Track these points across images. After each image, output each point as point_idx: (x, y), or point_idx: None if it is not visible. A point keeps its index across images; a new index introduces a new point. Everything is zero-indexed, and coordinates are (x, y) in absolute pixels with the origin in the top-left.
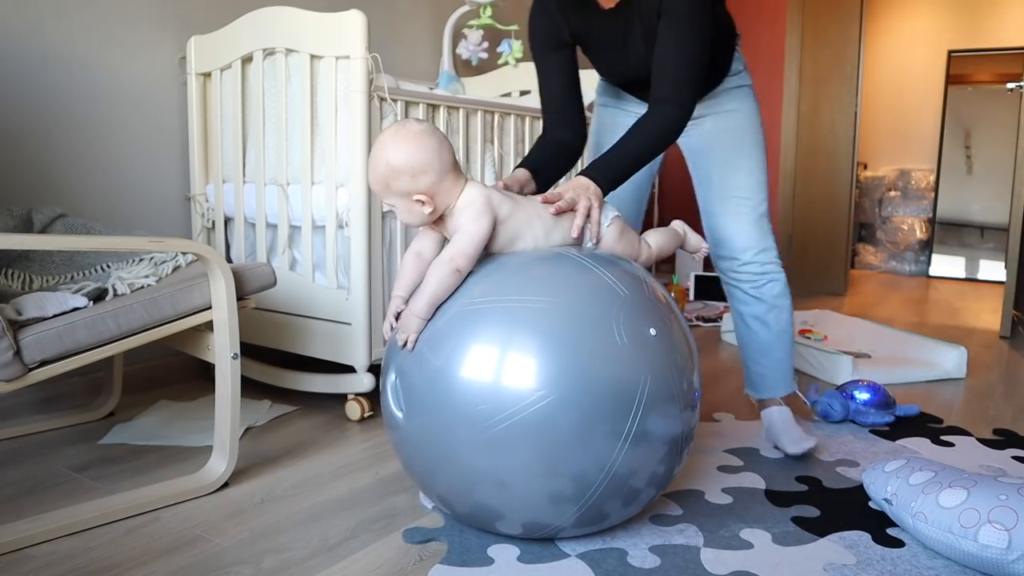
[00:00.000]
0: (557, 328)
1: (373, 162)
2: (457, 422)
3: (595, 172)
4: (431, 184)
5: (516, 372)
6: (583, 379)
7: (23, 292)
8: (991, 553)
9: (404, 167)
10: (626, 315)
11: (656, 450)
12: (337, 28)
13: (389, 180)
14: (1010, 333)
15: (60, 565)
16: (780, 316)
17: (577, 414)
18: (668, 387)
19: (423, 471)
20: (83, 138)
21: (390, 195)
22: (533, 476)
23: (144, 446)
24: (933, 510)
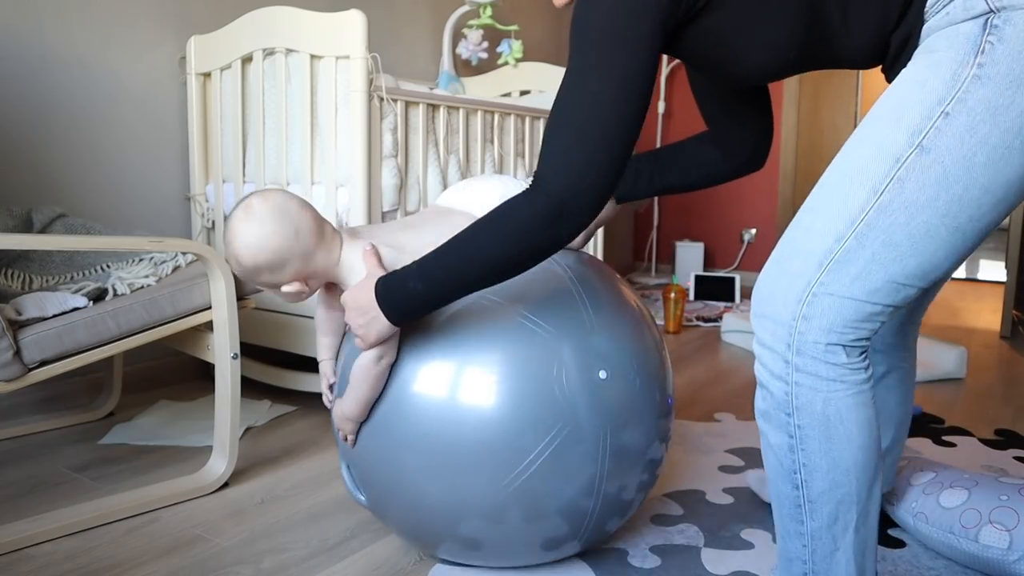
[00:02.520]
0: (502, 396)
1: (229, 254)
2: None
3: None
4: (298, 269)
5: (473, 387)
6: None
7: (23, 292)
8: (992, 554)
9: (259, 264)
10: (567, 366)
11: (636, 464)
12: (337, 28)
13: (251, 276)
14: (1010, 333)
15: (60, 565)
16: (767, 453)
17: (556, 467)
18: (635, 423)
19: (419, 526)
20: (83, 138)
21: (265, 286)
22: (521, 528)
23: (144, 446)
24: (934, 510)
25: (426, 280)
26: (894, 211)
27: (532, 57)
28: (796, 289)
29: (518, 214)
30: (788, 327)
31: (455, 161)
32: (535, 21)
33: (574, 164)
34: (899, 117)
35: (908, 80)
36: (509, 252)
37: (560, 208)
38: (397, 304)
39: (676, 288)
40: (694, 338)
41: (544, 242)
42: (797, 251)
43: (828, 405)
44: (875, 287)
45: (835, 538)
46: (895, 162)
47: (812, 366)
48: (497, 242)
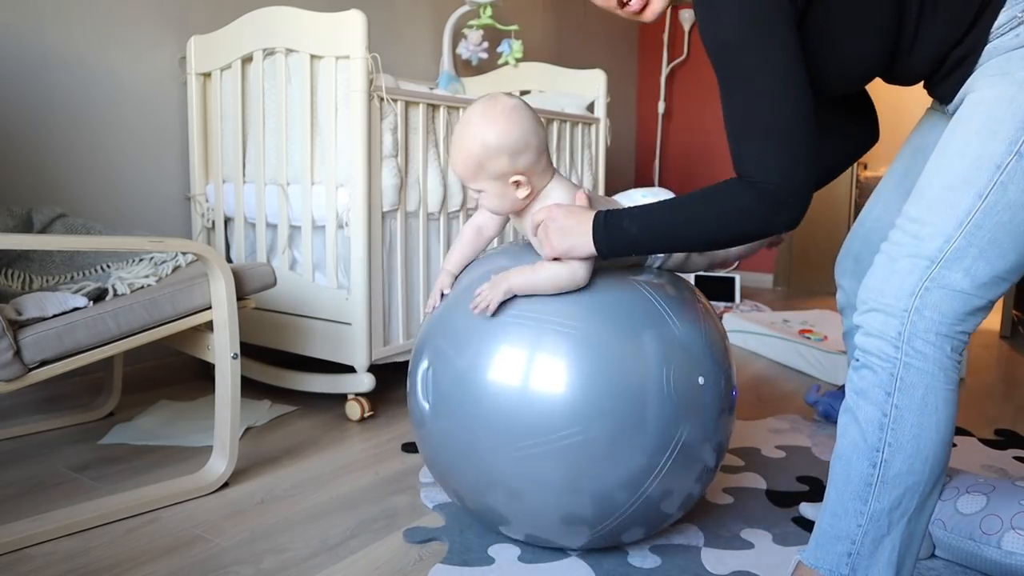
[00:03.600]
0: (599, 361)
1: (463, 143)
2: (484, 428)
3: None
4: (530, 163)
5: (549, 401)
6: (620, 417)
7: (23, 292)
8: (1016, 560)
9: (503, 146)
10: (679, 362)
11: (696, 465)
12: (337, 28)
13: (484, 161)
14: (1010, 333)
15: (60, 565)
16: (849, 428)
17: (610, 438)
18: (706, 424)
19: (442, 467)
20: (83, 138)
21: (481, 178)
22: (552, 492)
23: (144, 446)
24: (952, 516)
25: (641, 226)
26: (999, 211)
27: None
28: (909, 284)
29: (741, 198)
30: (900, 318)
31: None
32: (535, 21)
33: (780, 159)
34: (994, 130)
35: (993, 99)
36: (724, 229)
37: (779, 198)
38: (609, 236)
39: None
40: None
41: (763, 230)
42: (905, 254)
43: (928, 393)
44: (982, 282)
45: (891, 523)
46: (997, 169)
47: (922, 353)
48: (715, 216)
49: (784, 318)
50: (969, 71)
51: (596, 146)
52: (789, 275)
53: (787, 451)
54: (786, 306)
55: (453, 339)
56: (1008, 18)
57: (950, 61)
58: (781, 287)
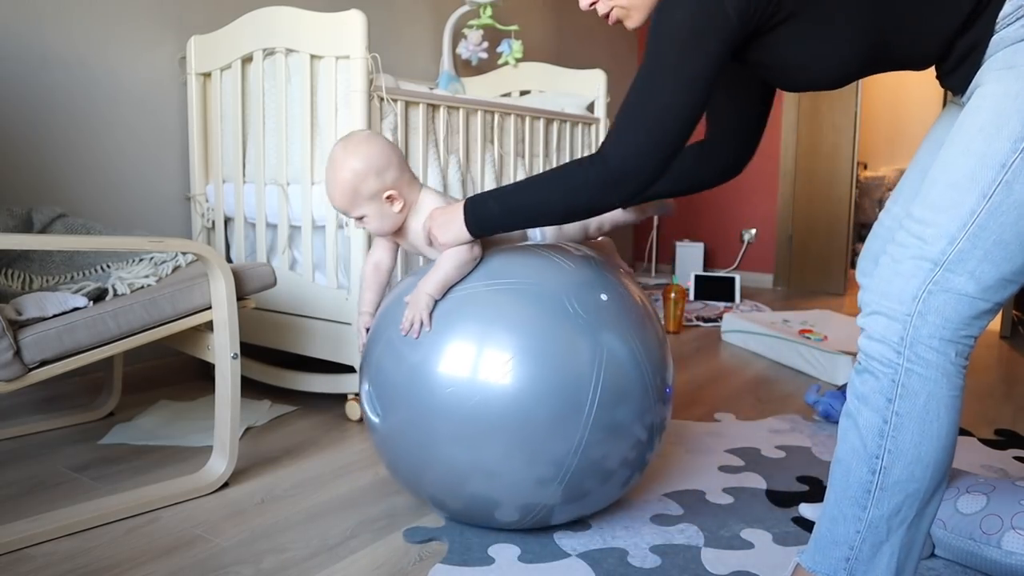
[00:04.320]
0: (516, 308)
1: (336, 176)
2: (434, 415)
3: (472, 208)
4: (396, 178)
5: (486, 355)
6: (544, 356)
7: (23, 292)
8: (1016, 560)
9: (369, 167)
10: (577, 288)
11: (623, 434)
12: (337, 28)
13: (357, 185)
14: (1010, 333)
15: (60, 565)
16: (849, 433)
17: (546, 396)
18: (626, 375)
19: (414, 470)
20: (83, 138)
21: (360, 203)
22: (515, 459)
23: (144, 446)
24: (952, 516)
25: (502, 205)
26: (1004, 212)
27: (532, 57)
28: (912, 287)
29: (582, 173)
30: (903, 322)
31: (455, 161)
32: (535, 21)
33: (633, 144)
34: (999, 127)
35: (998, 94)
36: (568, 203)
37: (617, 177)
38: (478, 217)
39: (676, 288)
40: (694, 338)
41: (598, 202)
42: (909, 256)
43: (931, 399)
44: (988, 284)
45: (890, 530)
46: (1001, 168)
47: (925, 359)
48: (561, 193)
49: (784, 318)
50: (978, 62)
51: (596, 146)
52: (789, 275)
53: (787, 451)
54: (786, 306)
55: (397, 351)
56: (1014, 7)
57: (957, 50)
58: (781, 287)
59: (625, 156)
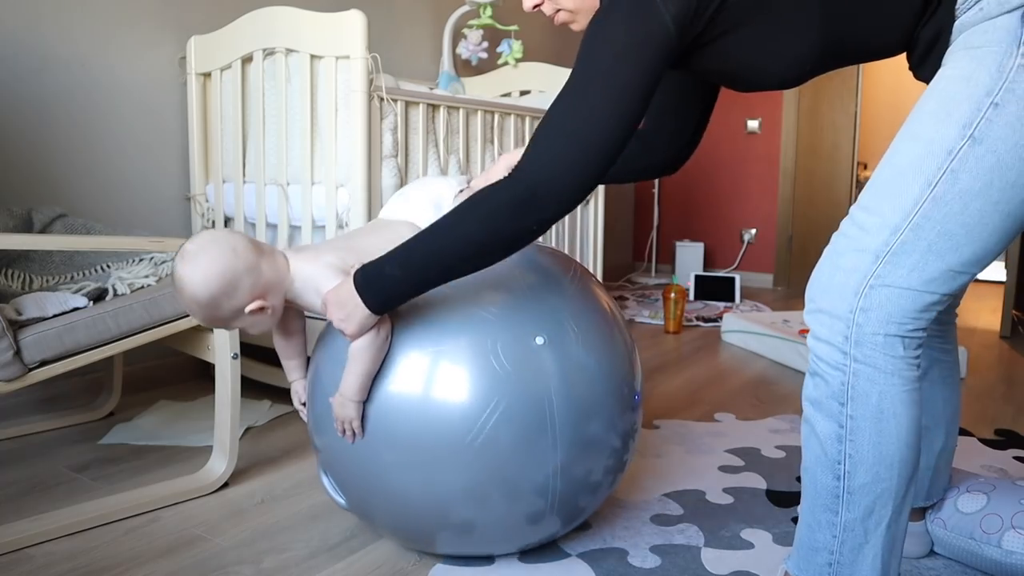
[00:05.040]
0: (448, 373)
1: (186, 305)
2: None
3: (366, 284)
4: (251, 285)
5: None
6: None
7: (23, 292)
8: (1016, 559)
9: (214, 292)
10: (503, 339)
11: (594, 450)
12: (337, 28)
13: (213, 313)
14: (1010, 333)
15: (60, 565)
16: (809, 440)
17: (511, 434)
18: (595, 412)
19: (403, 519)
20: (83, 138)
21: (229, 323)
22: (501, 502)
23: (144, 446)
24: (952, 515)
25: (404, 266)
26: (949, 201)
27: (532, 57)
28: (853, 282)
29: (493, 198)
30: (846, 320)
31: (455, 161)
32: (535, 21)
33: (554, 160)
34: (948, 112)
35: (951, 77)
36: (481, 237)
37: (532, 197)
38: (376, 292)
39: (676, 288)
40: (694, 338)
41: (515, 229)
42: (851, 248)
43: (883, 398)
44: (932, 276)
45: (867, 532)
46: (947, 155)
47: (871, 358)
48: (472, 225)
49: (784, 318)
50: (944, 50)
51: None
52: (789, 275)
53: (787, 451)
54: (786, 306)
55: (333, 358)
56: None
57: (922, 40)
58: (781, 287)
59: (542, 173)
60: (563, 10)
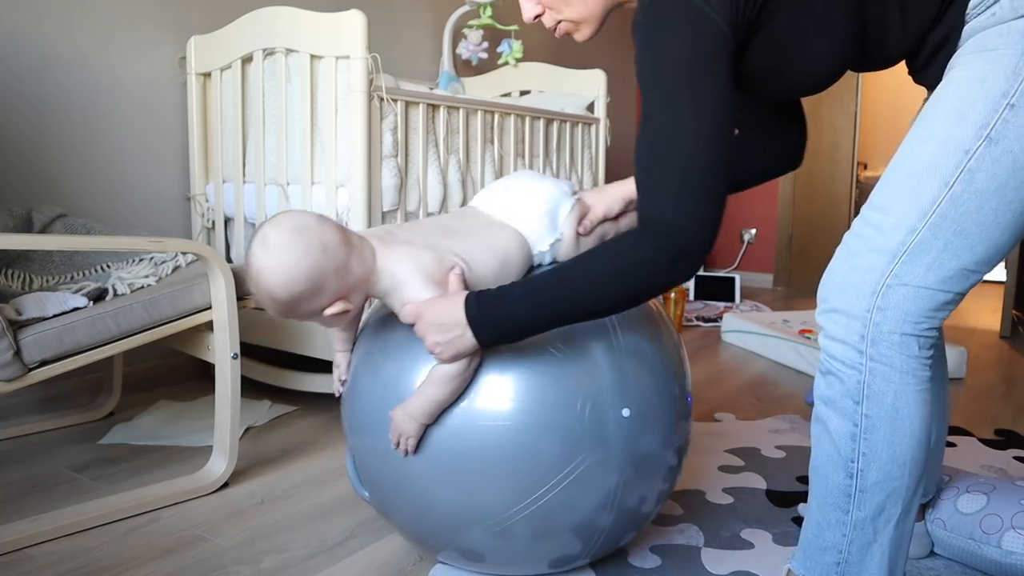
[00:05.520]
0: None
1: (260, 297)
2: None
3: (482, 314)
4: (337, 288)
5: (489, 391)
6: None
7: (23, 292)
8: (1016, 559)
9: (296, 295)
10: (594, 401)
11: (656, 471)
12: (337, 28)
13: (288, 311)
14: (1010, 333)
15: (60, 565)
16: (822, 439)
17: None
18: (656, 428)
19: (424, 535)
20: (83, 138)
21: (302, 319)
22: (533, 545)
23: (144, 446)
24: (952, 516)
25: (531, 307)
26: (966, 201)
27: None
28: (870, 282)
29: (638, 251)
30: (862, 319)
31: (455, 161)
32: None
33: (688, 203)
34: (963, 113)
35: (965, 79)
36: (625, 288)
37: (682, 248)
38: (492, 327)
39: (676, 288)
40: (694, 338)
41: (663, 281)
42: (867, 247)
43: (899, 397)
44: (948, 275)
45: (876, 530)
46: (964, 155)
47: (888, 357)
48: (615, 277)
49: (784, 318)
50: (950, 54)
51: (596, 146)
52: (789, 275)
53: (787, 451)
54: (786, 306)
55: (371, 421)
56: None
57: (928, 45)
58: (781, 287)
59: (686, 221)
60: (565, 21)
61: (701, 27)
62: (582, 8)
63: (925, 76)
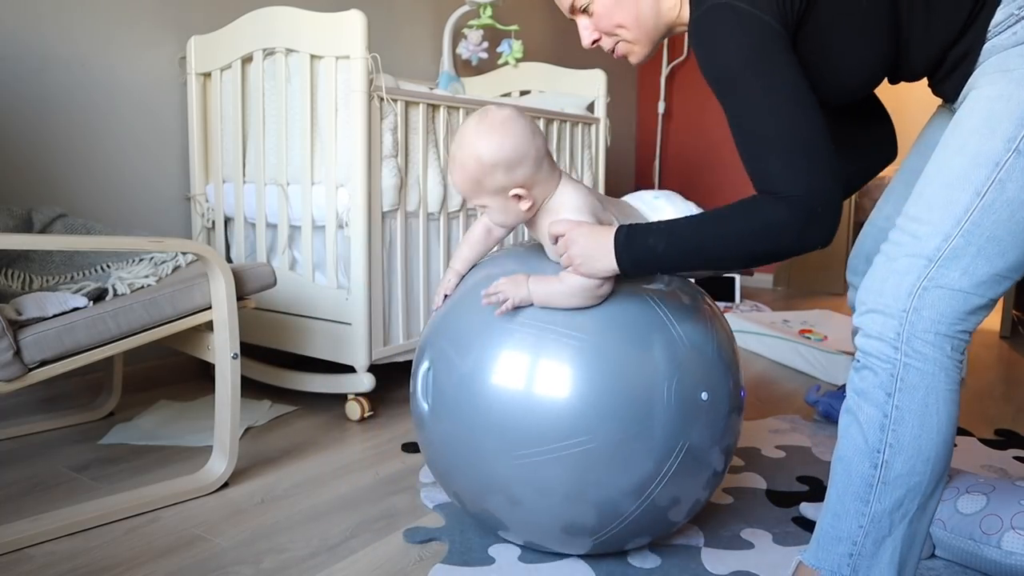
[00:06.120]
0: (603, 373)
1: (460, 159)
2: (485, 433)
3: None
4: (528, 175)
5: (553, 408)
6: (624, 425)
7: (23, 292)
8: (1016, 560)
9: (497, 160)
10: (680, 378)
11: (703, 470)
12: (337, 28)
13: (481, 178)
14: (1010, 333)
15: (60, 565)
16: (850, 429)
17: (613, 446)
18: (713, 430)
19: (443, 469)
20: (83, 138)
21: (482, 194)
22: (553, 501)
23: (144, 446)
24: (952, 516)
25: (669, 243)
26: (997, 209)
27: (532, 57)
28: (907, 284)
29: (772, 212)
30: (899, 318)
31: None
32: (535, 21)
33: (807, 171)
34: (992, 129)
35: (992, 97)
36: (755, 246)
37: (813, 210)
38: (632, 254)
39: None
40: None
41: (794, 244)
42: (904, 253)
43: (929, 393)
44: (981, 280)
45: (892, 524)
46: (995, 167)
47: (922, 354)
48: (745, 233)
49: (784, 318)
50: (970, 70)
51: (596, 146)
52: (789, 275)
53: (787, 451)
54: (786, 306)
55: (456, 342)
56: (1005, 15)
57: (949, 60)
58: (781, 287)
59: (811, 188)
60: (623, 41)
61: (754, 26)
62: (636, 32)
63: (942, 88)
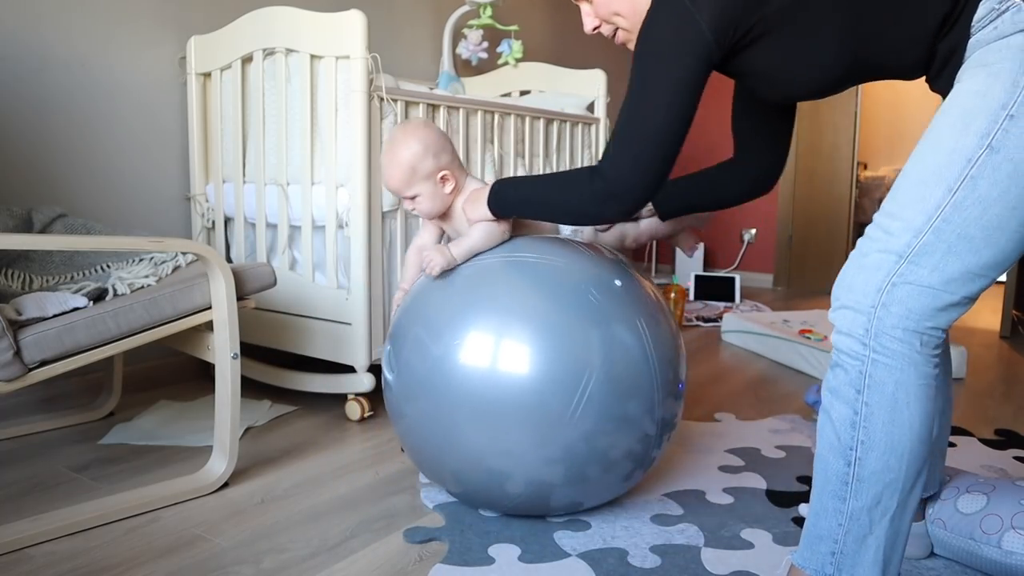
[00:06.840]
0: (535, 288)
1: (394, 157)
2: (456, 404)
3: (496, 189)
4: (449, 161)
5: (510, 356)
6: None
7: (23, 292)
8: (1016, 560)
9: (427, 146)
10: (595, 272)
11: (628, 425)
12: (337, 28)
13: (416, 164)
14: (1009, 333)
15: (60, 565)
16: (825, 428)
17: (555, 384)
18: (635, 367)
19: (427, 453)
20: (83, 138)
21: (416, 183)
22: (528, 443)
23: (144, 446)
24: (952, 516)
25: (517, 193)
26: (968, 206)
27: (532, 57)
28: (876, 280)
29: (580, 188)
30: (867, 314)
31: None
32: (535, 21)
33: (624, 161)
34: (967, 124)
35: (968, 92)
36: (569, 210)
37: (609, 193)
38: (498, 198)
39: (676, 288)
40: (694, 338)
41: (594, 214)
42: (875, 249)
43: (899, 388)
44: (951, 277)
45: (872, 522)
46: (967, 163)
47: (889, 348)
48: (562, 201)
49: (784, 318)
50: (959, 65)
51: (596, 146)
52: (789, 275)
53: (787, 451)
54: (786, 306)
55: (427, 327)
56: (987, 10)
57: (939, 55)
58: (781, 287)
59: (619, 173)
60: (621, 29)
61: (684, 23)
62: (633, 20)
63: (938, 84)
